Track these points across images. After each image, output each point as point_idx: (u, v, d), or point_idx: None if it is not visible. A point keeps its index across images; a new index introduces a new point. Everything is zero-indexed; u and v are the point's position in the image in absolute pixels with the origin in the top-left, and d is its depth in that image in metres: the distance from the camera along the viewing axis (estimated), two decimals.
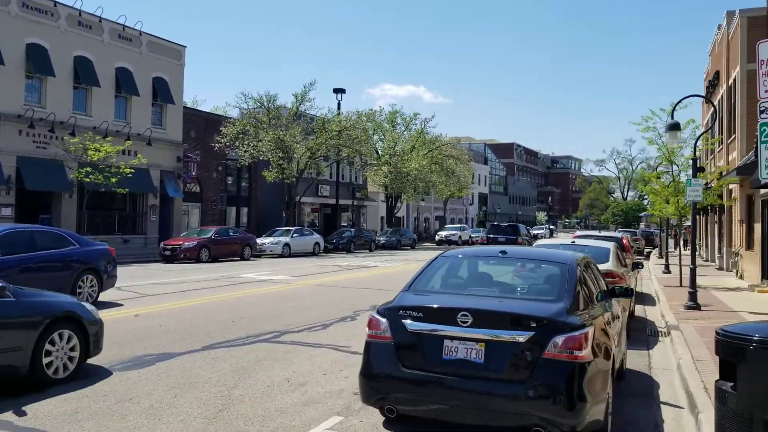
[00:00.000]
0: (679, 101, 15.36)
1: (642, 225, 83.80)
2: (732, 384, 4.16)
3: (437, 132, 59.39)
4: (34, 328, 7.16)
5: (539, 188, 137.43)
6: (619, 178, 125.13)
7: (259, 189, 46.02)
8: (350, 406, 6.70)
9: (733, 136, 25.53)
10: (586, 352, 5.13)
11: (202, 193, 40.44)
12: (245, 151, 38.95)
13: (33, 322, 7.17)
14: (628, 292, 8.13)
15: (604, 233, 19.88)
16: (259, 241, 34.67)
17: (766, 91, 6.89)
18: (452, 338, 5.33)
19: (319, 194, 50.86)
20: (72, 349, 7.67)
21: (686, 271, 28.93)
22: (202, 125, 40.51)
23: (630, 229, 55.41)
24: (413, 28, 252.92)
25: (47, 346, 7.32)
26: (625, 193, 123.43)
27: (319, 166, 44.23)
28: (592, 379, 5.18)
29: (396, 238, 48.72)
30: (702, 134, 15.97)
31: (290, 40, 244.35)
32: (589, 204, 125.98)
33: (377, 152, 51.91)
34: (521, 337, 5.16)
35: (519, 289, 6.32)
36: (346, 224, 54.70)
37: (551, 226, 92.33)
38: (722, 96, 29.89)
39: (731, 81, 27.11)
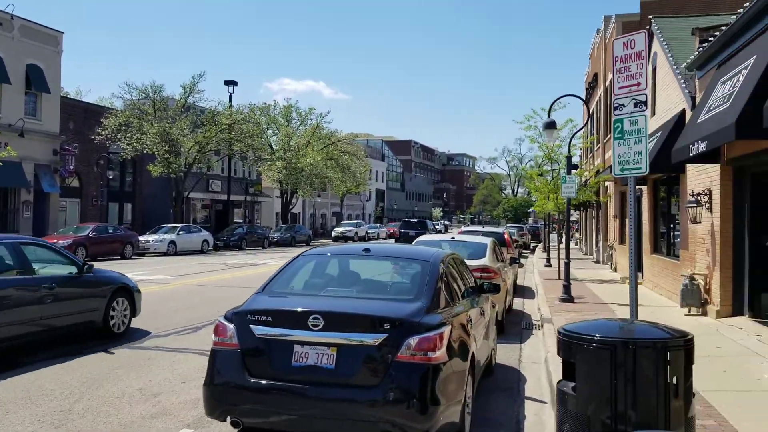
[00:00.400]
0: (555, 100, 15.86)
1: (530, 220, 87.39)
2: (573, 385, 4.09)
3: (334, 127, 59.12)
4: (104, 295, 10.32)
5: (435, 185, 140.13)
6: (509, 175, 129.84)
7: (145, 184, 43.98)
8: (203, 418, 6.26)
9: (609, 136, 26.86)
10: (440, 353, 4.97)
11: (81, 189, 38.10)
12: (128, 144, 37.04)
13: (105, 291, 10.37)
14: (496, 288, 8.15)
15: (488, 229, 20.31)
16: (142, 239, 33.07)
17: (620, 87, 7.03)
18: (302, 343, 5.04)
19: (210, 190, 49.27)
20: (125, 311, 10.86)
21: (555, 263, 30.65)
22: (82, 116, 38.15)
23: (518, 225, 57.45)
24: (313, 23, 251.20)
25: (112, 309, 10.49)
26: (515, 189, 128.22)
27: (210, 160, 42.82)
28: (447, 381, 5.03)
29: (290, 235, 48.00)
30: (576, 133, 16.62)
31: (186, 33, 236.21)
32: (483, 200, 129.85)
33: (271, 147, 50.93)
34: (373, 340, 4.93)
35: (380, 288, 6.12)
36: (239, 221, 53.38)
37: (446, 222, 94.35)
38: (600, 97, 31.45)
39: (607, 83, 28.52)
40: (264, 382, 5.03)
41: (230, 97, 44.80)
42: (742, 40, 10.56)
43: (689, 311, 12.65)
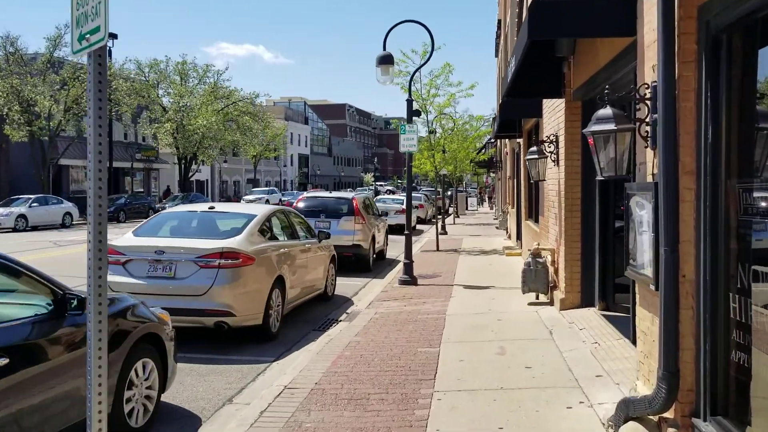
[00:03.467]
0: (393, 27, 12.35)
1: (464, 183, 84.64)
2: None
3: (249, 89, 54.35)
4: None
5: (375, 149, 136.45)
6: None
7: (11, 150, 38.93)
8: None
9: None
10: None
11: None
12: None
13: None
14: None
15: (342, 193, 16.94)
16: None
17: None
18: None
19: None
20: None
21: (456, 231, 27.78)
22: None
23: (432, 189, 54.05)
24: None
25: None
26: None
27: (81, 123, 38.00)
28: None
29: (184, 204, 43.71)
30: (421, 66, 13.11)
31: None
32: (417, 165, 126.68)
33: (163, 108, 46.14)
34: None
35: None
36: (137, 191, 48.73)
37: (390, 188, 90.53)
38: (501, 44, 28.35)
39: (506, 29, 25.40)
40: None
41: (109, 51, 39.69)
42: None
43: (537, 297, 9.59)
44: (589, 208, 8.37)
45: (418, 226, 32.05)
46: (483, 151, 28.12)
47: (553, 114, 9.41)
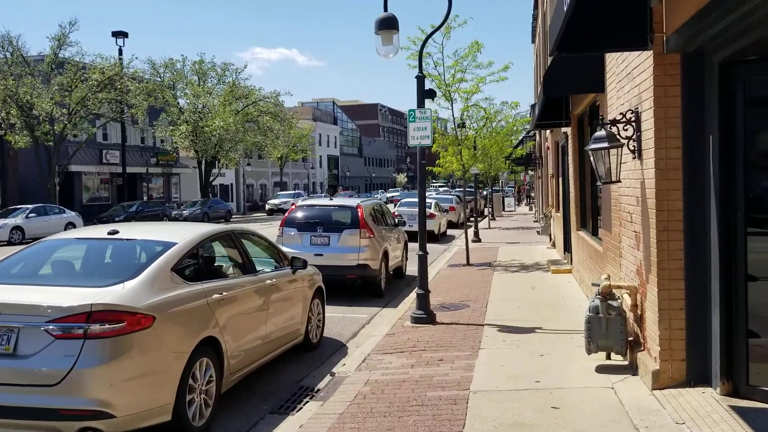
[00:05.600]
0: None
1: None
2: None
3: (268, 88, 51.94)
4: None
5: (408, 149, 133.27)
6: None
7: (20, 157, 36.99)
8: None
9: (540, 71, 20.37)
10: None
11: None
12: None
13: None
14: None
15: (346, 200, 13.88)
16: None
17: None
18: None
19: (105, 161, 42.29)
20: None
21: (491, 236, 24.11)
22: None
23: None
24: None
25: None
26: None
27: (87, 126, 35.78)
28: None
29: (203, 211, 41.20)
30: (434, 33, 9.82)
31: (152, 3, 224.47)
32: None
33: (179, 109, 43.78)
34: None
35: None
36: (148, 197, 46.63)
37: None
38: (539, 27, 24.99)
39: (545, 6, 22.07)
40: None
41: (120, 50, 37.49)
42: None
43: (608, 356, 6.40)
44: (698, 225, 5.18)
45: (450, 231, 28.88)
46: (521, 145, 24.79)
47: (628, 81, 6.22)
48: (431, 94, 9.21)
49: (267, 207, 53.05)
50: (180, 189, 51.00)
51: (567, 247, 14.75)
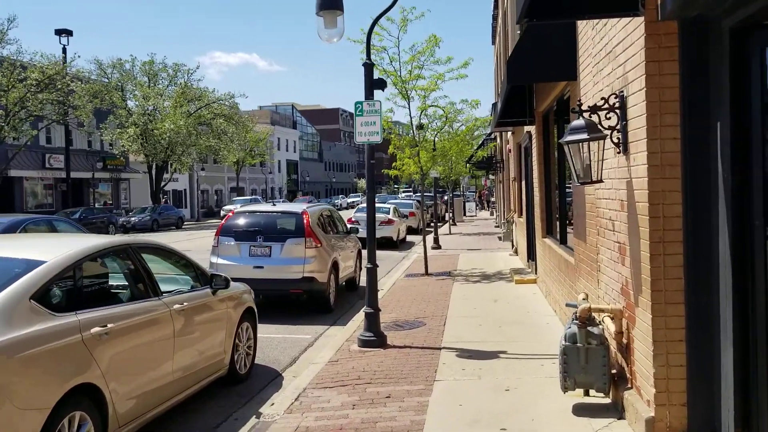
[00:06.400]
0: None
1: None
2: None
3: (248, 99, 50.21)
4: None
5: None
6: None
7: None
8: None
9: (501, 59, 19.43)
10: None
11: None
12: None
13: None
14: None
15: (290, 205, 12.57)
16: None
17: None
18: None
19: (49, 166, 40.08)
20: None
21: (452, 243, 23.00)
22: None
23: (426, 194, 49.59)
24: None
25: None
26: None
27: (27, 129, 33.71)
28: None
29: (152, 218, 39.40)
30: (383, 14, 8.53)
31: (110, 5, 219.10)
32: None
33: (128, 111, 41.82)
34: None
35: None
36: (103, 204, 44.53)
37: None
38: (499, 27, 24.12)
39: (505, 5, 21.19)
40: None
41: (64, 49, 35.44)
42: None
43: (586, 393, 5.32)
44: (702, 235, 4.12)
45: (410, 237, 27.83)
46: (482, 147, 23.79)
47: (608, 62, 5.17)
48: (381, 84, 8.05)
49: (222, 213, 51.32)
50: (130, 195, 48.91)
51: (531, 255, 13.77)
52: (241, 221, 11.09)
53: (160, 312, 5.33)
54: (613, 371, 5.10)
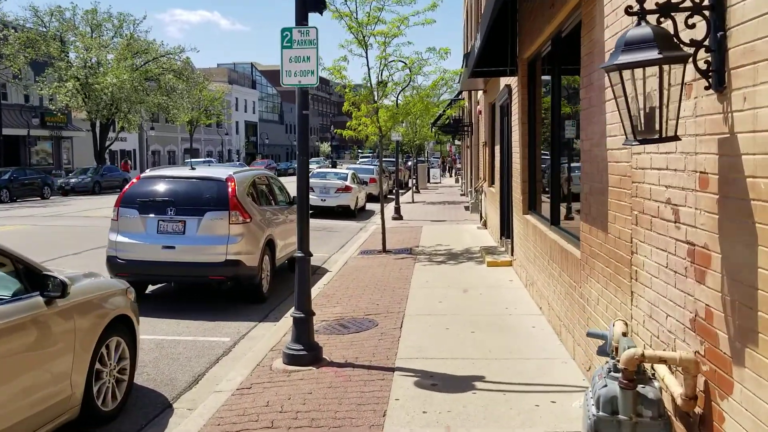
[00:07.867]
0: None
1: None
2: None
3: (203, 57, 46.74)
4: None
5: (333, 117, 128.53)
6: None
7: None
8: None
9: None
10: None
11: None
12: None
13: None
14: None
15: (212, 169, 10.31)
16: None
17: None
18: None
19: None
20: None
21: (414, 213, 20.84)
22: None
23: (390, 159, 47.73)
24: None
25: None
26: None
27: None
28: None
29: (93, 179, 36.37)
30: None
31: None
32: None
33: (68, 63, 38.39)
34: None
35: None
36: (36, 163, 41.28)
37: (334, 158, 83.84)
38: None
39: None
40: None
41: None
42: None
43: None
44: None
45: (369, 206, 25.67)
46: (450, 106, 21.64)
47: None
48: (319, 4, 5.80)
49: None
50: (72, 154, 45.60)
51: (505, 232, 11.81)
52: (148, 188, 8.79)
53: None
54: None
